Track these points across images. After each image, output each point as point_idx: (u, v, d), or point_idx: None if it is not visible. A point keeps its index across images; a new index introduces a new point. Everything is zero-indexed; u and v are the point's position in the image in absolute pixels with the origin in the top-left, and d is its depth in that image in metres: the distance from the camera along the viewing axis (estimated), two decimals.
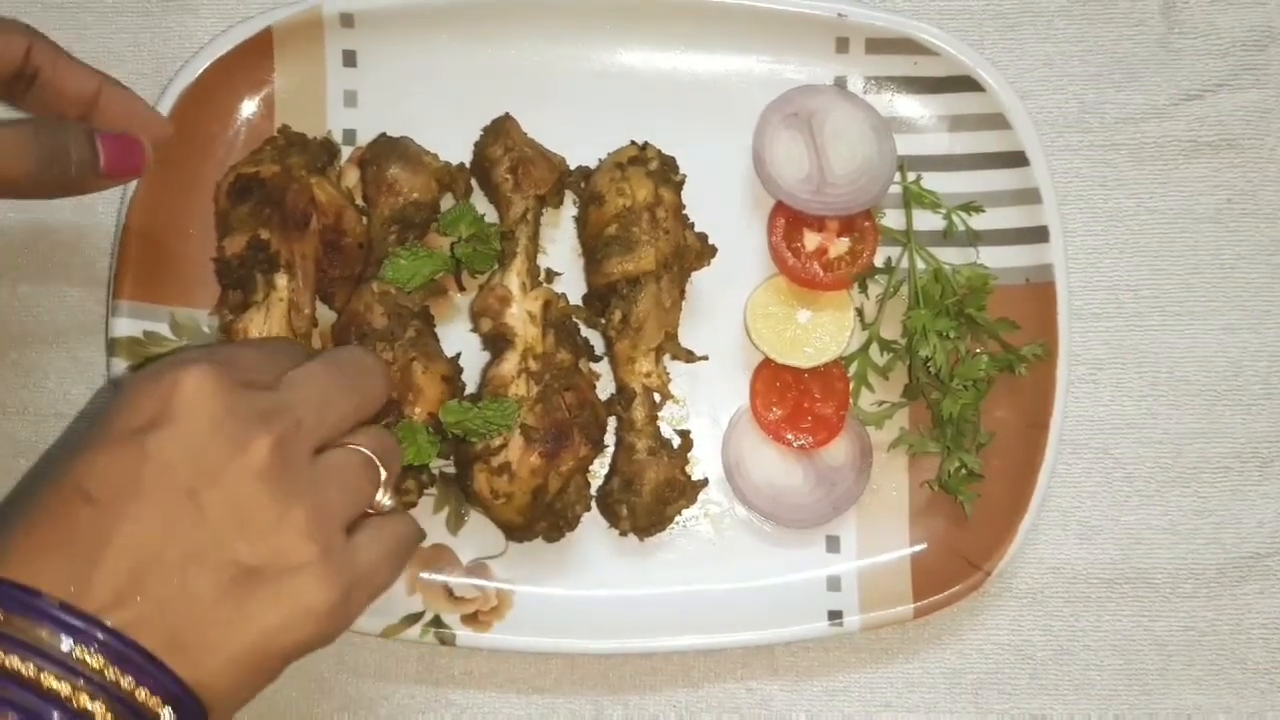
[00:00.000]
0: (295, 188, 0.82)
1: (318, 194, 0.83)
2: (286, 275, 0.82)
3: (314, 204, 0.82)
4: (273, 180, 0.82)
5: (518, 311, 0.83)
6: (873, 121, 0.87)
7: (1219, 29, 0.91)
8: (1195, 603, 0.88)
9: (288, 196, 0.82)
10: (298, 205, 0.82)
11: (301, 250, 0.82)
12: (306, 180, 0.82)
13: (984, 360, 0.84)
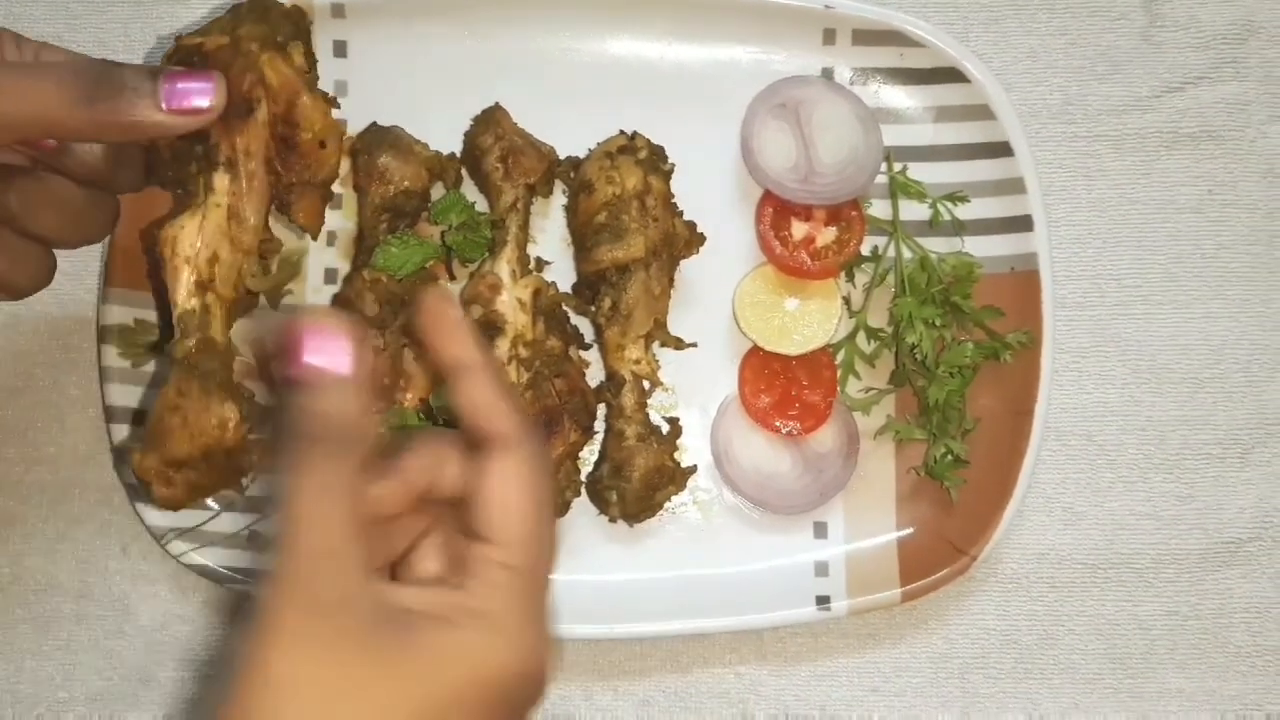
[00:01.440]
0: (239, 64, 0.69)
1: (267, 73, 0.70)
2: (228, 175, 0.70)
3: (262, 86, 0.69)
4: (216, 54, 0.69)
5: (508, 299, 0.83)
6: (859, 112, 0.88)
7: (1200, 22, 0.92)
8: (1178, 587, 0.89)
9: (231, 75, 0.68)
10: (239, 87, 0.69)
11: (245, 145, 0.70)
12: (256, 56, 0.69)
13: (969, 348, 0.85)
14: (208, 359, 0.69)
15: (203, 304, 0.69)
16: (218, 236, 0.70)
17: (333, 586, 0.52)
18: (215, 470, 0.70)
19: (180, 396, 0.69)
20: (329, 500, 0.53)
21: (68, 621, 0.88)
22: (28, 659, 0.88)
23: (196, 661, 0.88)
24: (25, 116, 0.63)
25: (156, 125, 0.65)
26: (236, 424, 0.69)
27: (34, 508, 0.88)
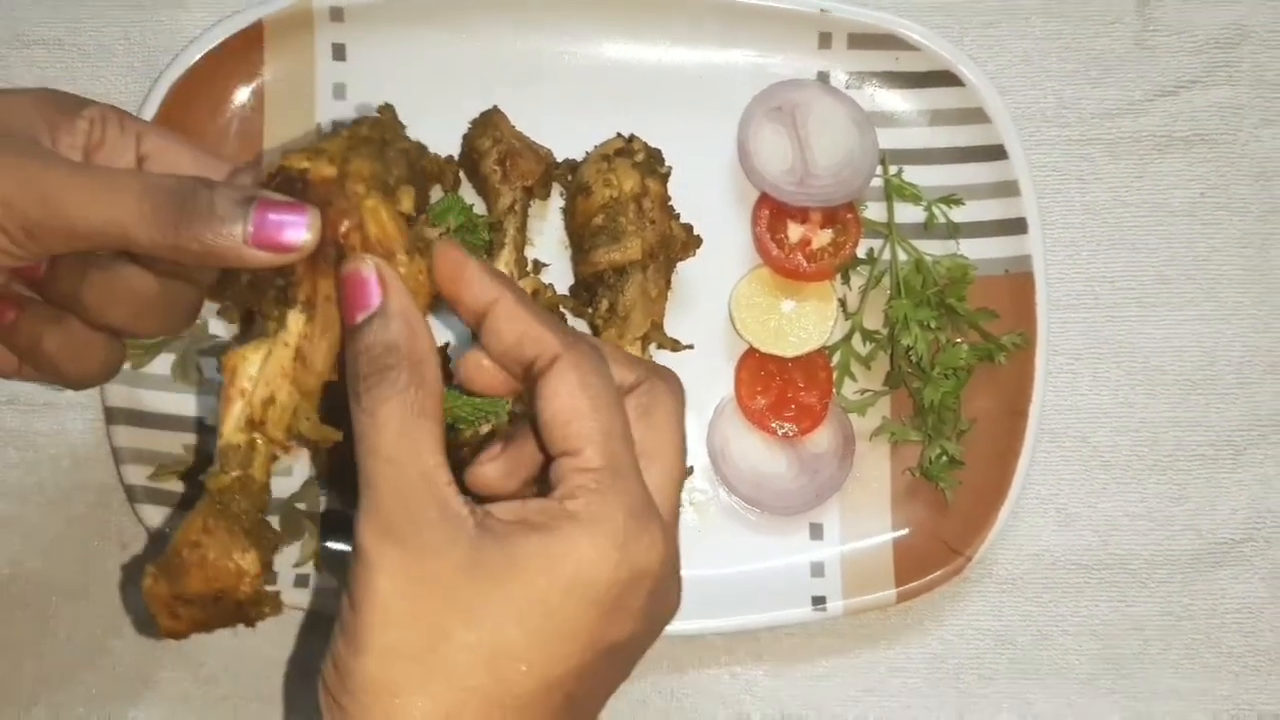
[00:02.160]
0: (340, 204, 0.61)
1: (369, 224, 0.61)
2: (303, 316, 0.62)
3: (359, 234, 0.61)
4: (320, 187, 0.62)
5: None
6: (855, 115, 0.89)
7: (1193, 26, 0.93)
8: (1171, 588, 0.90)
9: (330, 215, 0.61)
10: (335, 228, 0.61)
11: (328, 290, 0.62)
12: (360, 200, 0.61)
13: (964, 349, 0.86)
14: (242, 499, 0.64)
15: (249, 440, 0.64)
16: (279, 378, 0.63)
17: (426, 514, 0.53)
18: (224, 613, 0.66)
19: (205, 534, 0.65)
20: (410, 429, 0.54)
21: (67, 621, 0.88)
22: (27, 659, 0.88)
23: (195, 663, 0.88)
24: (98, 229, 0.58)
25: (239, 259, 0.59)
26: (254, 578, 0.65)
27: (34, 508, 0.89)
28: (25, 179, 0.58)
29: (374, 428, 0.55)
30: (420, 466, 0.54)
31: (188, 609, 0.66)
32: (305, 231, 0.59)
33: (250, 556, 0.65)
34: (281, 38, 0.87)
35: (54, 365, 0.67)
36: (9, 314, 0.66)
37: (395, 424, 0.54)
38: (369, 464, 0.55)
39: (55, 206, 0.58)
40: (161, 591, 0.65)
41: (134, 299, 0.66)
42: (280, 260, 0.60)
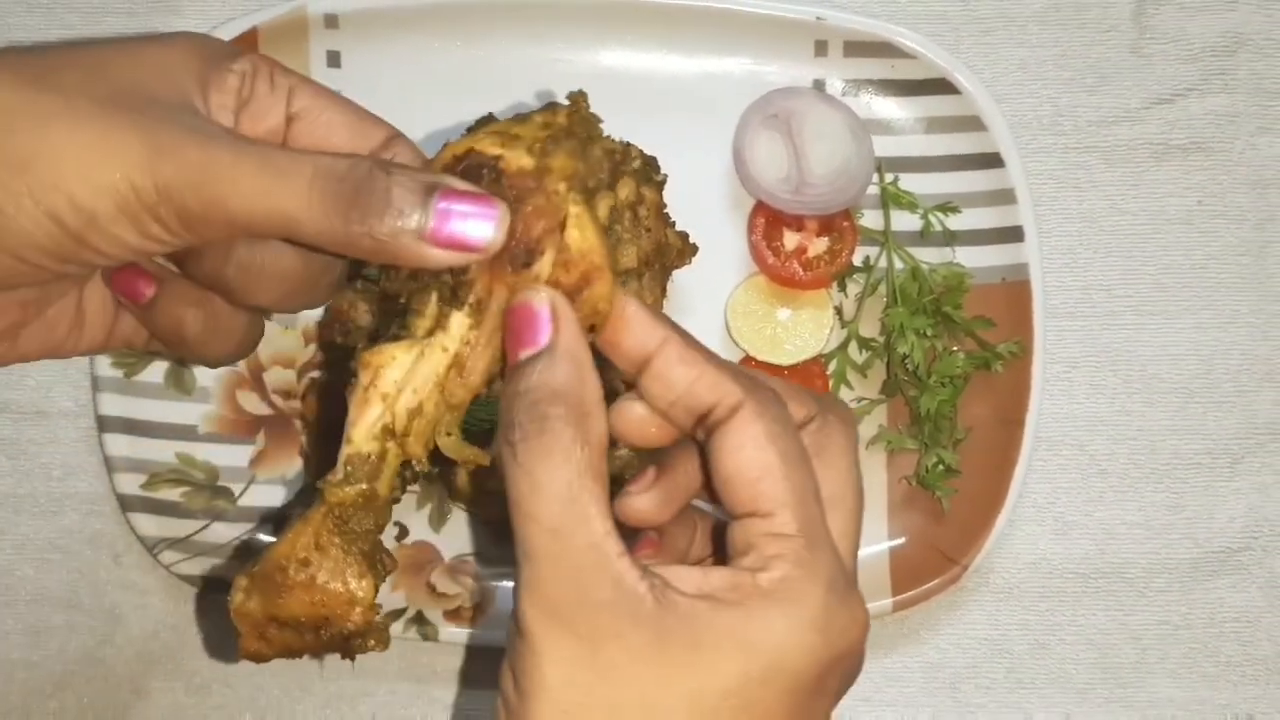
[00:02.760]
0: (538, 202, 0.54)
1: (571, 232, 0.54)
2: (469, 320, 0.54)
3: (555, 240, 0.54)
4: (515, 179, 0.54)
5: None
6: (851, 123, 0.89)
7: (1189, 34, 0.93)
8: (1169, 597, 0.90)
9: (524, 213, 0.53)
10: (530, 233, 0.53)
11: (505, 297, 0.54)
12: (561, 201, 0.54)
13: (960, 358, 0.86)
14: (364, 517, 0.57)
15: (382, 450, 0.56)
16: (430, 387, 0.55)
17: (599, 594, 0.47)
18: (322, 642, 0.59)
19: (317, 551, 0.57)
20: (577, 494, 0.48)
21: (59, 632, 0.88)
22: (19, 670, 0.87)
23: (188, 672, 0.88)
24: (260, 219, 0.52)
25: (414, 257, 0.52)
26: (367, 608, 0.57)
27: (26, 518, 0.88)
28: (185, 164, 0.51)
29: (533, 490, 0.48)
30: (589, 537, 0.47)
31: (281, 632, 0.58)
32: (492, 230, 0.51)
33: (366, 583, 0.57)
34: (276, 45, 0.86)
35: (193, 351, 0.62)
36: (147, 290, 0.59)
37: (559, 487, 0.47)
38: (528, 532, 0.48)
39: (216, 196, 0.51)
40: (254, 610, 0.58)
41: (282, 279, 0.60)
42: (460, 260, 0.52)
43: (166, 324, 0.60)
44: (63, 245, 0.51)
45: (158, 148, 0.51)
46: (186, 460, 0.86)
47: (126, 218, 0.51)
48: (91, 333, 0.61)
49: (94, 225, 0.51)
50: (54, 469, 0.89)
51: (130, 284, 0.59)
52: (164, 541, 0.84)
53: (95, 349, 0.62)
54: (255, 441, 0.87)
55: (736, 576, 0.49)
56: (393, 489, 0.57)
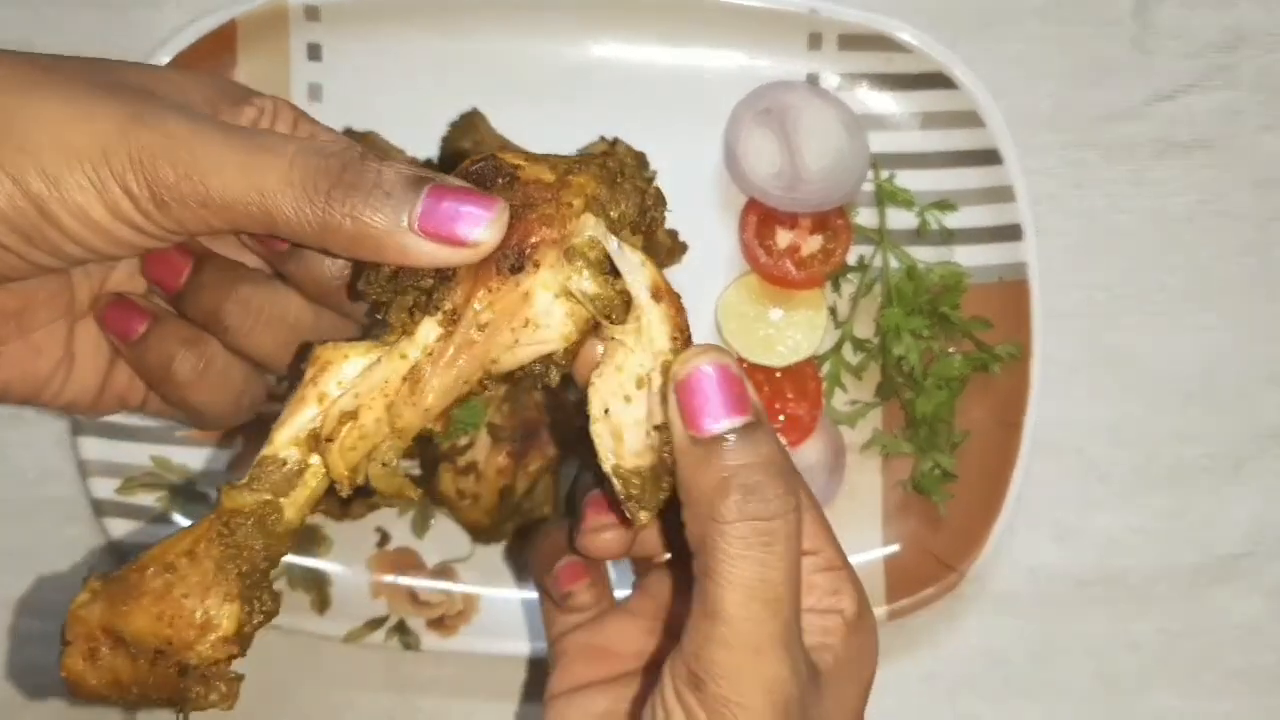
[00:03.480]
0: (544, 210, 0.49)
1: (578, 246, 0.49)
2: (439, 330, 0.50)
3: (556, 255, 0.49)
4: (530, 187, 0.50)
5: None
6: (845, 118, 0.86)
7: (1191, 30, 0.91)
8: (1170, 605, 0.88)
9: (527, 218, 0.49)
10: (527, 238, 0.49)
11: (486, 307, 0.49)
12: (574, 216, 0.50)
13: (958, 359, 0.84)
14: (257, 535, 0.50)
15: (302, 462, 0.50)
16: (375, 395, 0.49)
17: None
18: (157, 678, 0.50)
19: (186, 558, 0.50)
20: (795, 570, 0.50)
21: (35, 642, 0.86)
22: None
23: None
24: (236, 198, 0.48)
25: (399, 248, 0.48)
26: (221, 640, 0.49)
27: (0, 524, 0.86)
28: (163, 133, 0.48)
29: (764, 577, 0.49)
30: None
31: (113, 654, 0.50)
32: (485, 226, 0.48)
33: (229, 610, 0.49)
34: (255, 38, 0.85)
35: (184, 394, 0.57)
36: (138, 325, 0.57)
37: (788, 564, 0.49)
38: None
39: (192, 167, 0.48)
40: (91, 616, 0.50)
41: (282, 324, 0.57)
42: (448, 258, 0.48)
43: (156, 362, 0.57)
44: (26, 216, 0.48)
45: (136, 115, 0.48)
46: (162, 464, 0.84)
47: (94, 187, 0.48)
48: (82, 377, 0.58)
49: (59, 193, 0.48)
50: (28, 472, 0.87)
51: (122, 319, 0.57)
52: (140, 547, 0.82)
53: (87, 400, 0.59)
54: (233, 445, 0.85)
55: None
56: (303, 516, 0.51)
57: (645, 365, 0.50)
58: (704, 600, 0.49)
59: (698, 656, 0.49)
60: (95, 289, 0.58)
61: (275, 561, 0.51)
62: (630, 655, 0.61)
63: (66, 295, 0.57)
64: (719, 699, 0.49)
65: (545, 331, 0.49)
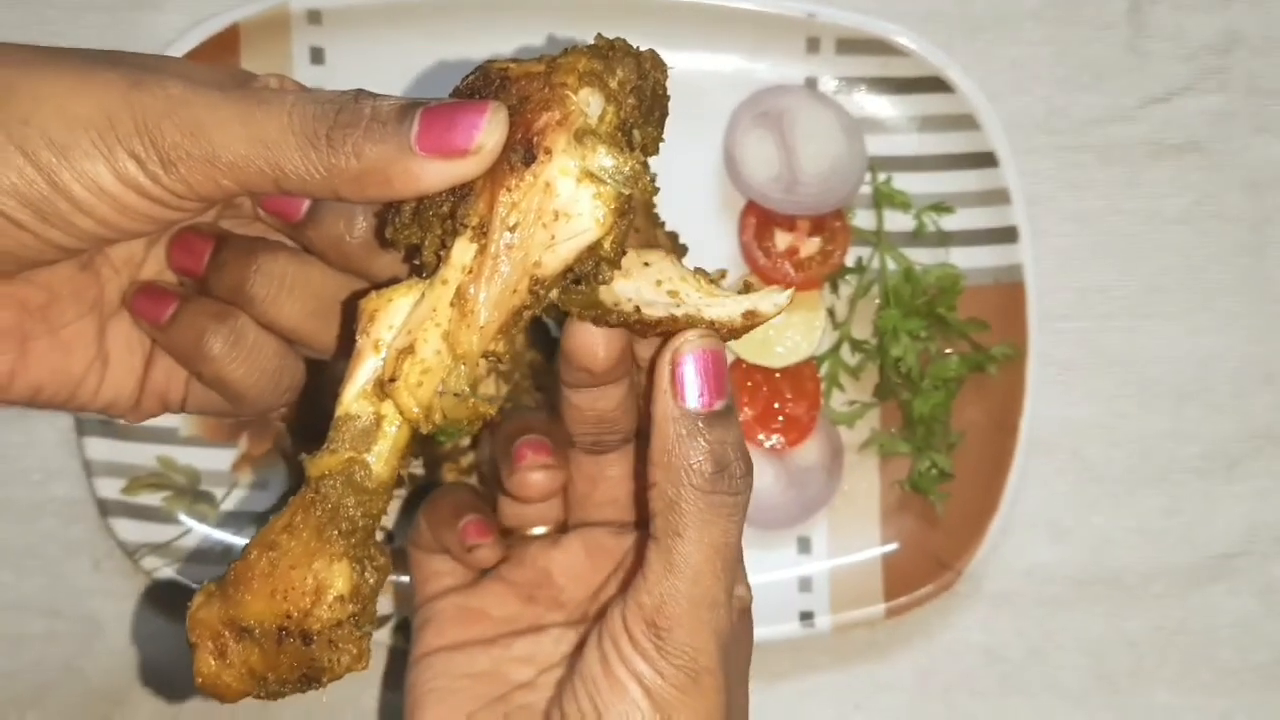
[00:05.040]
0: (540, 96, 0.48)
1: (575, 121, 0.48)
2: (473, 246, 0.48)
3: (562, 137, 0.48)
4: (521, 81, 0.49)
5: None
6: (843, 122, 0.87)
7: (1185, 33, 0.92)
8: (1165, 603, 0.88)
9: (524, 111, 0.48)
10: (530, 128, 0.48)
11: (511, 207, 0.48)
12: (567, 90, 0.48)
13: (955, 360, 0.84)
14: (348, 493, 0.49)
15: (376, 414, 0.50)
16: (428, 325, 0.48)
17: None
18: (286, 657, 0.49)
19: (285, 534, 0.49)
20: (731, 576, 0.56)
21: (38, 640, 0.86)
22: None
23: (168, 681, 0.86)
24: (243, 155, 0.49)
25: (405, 174, 0.48)
26: (336, 600, 0.48)
27: (3, 523, 0.87)
28: (165, 96, 0.49)
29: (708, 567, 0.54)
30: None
31: (242, 646, 0.49)
32: (483, 127, 0.47)
33: (339, 569, 0.48)
34: (258, 41, 0.85)
35: (219, 370, 0.57)
36: (167, 307, 0.57)
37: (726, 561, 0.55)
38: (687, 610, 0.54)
39: (194, 126, 0.48)
40: (211, 617, 0.49)
41: (307, 290, 0.57)
42: (456, 170, 0.48)
43: (188, 339, 0.57)
44: (37, 189, 0.48)
45: (137, 82, 0.49)
46: (168, 464, 0.84)
47: (101, 153, 0.48)
48: (118, 376, 0.58)
49: (67, 161, 0.48)
50: (33, 473, 0.87)
51: (150, 304, 0.57)
52: (145, 547, 0.83)
53: (126, 401, 0.59)
54: (237, 445, 0.86)
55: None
56: (393, 468, 0.50)
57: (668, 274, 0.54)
58: (670, 558, 0.53)
59: (661, 609, 0.54)
60: (124, 285, 0.59)
61: (377, 519, 0.51)
62: (503, 619, 0.64)
63: (94, 290, 0.57)
64: (681, 645, 0.54)
65: (579, 220, 0.48)
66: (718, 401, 0.54)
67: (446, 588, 0.66)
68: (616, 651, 0.55)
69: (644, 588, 0.54)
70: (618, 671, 0.54)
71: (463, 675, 0.62)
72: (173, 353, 0.58)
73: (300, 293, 0.57)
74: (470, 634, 0.64)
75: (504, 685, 0.62)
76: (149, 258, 0.59)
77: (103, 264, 0.58)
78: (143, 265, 0.59)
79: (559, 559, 0.64)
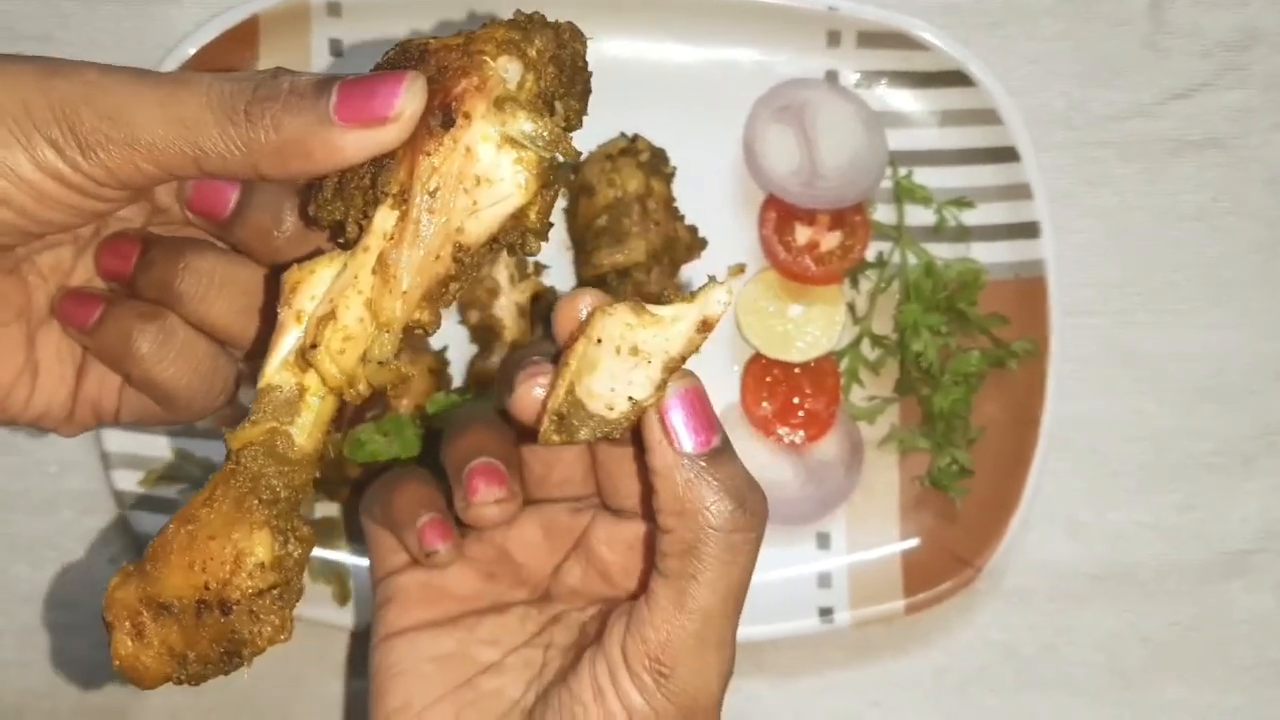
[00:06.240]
0: (460, 63, 0.48)
1: (493, 86, 0.48)
2: (395, 212, 0.48)
3: (481, 102, 0.48)
4: (441, 53, 0.49)
5: (506, 304, 0.82)
6: (863, 115, 0.87)
7: (1204, 29, 0.92)
8: (1181, 599, 0.88)
9: (443, 79, 0.48)
10: (448, 94, 0.48)
11: (431, 170, 0.48)
12: (485, 58, 0.48)
13: (975, 356, 0.84)
14: (269, 462, 0.49)
15: (298, 384, 0.49)
16: (349, 291, 0.48)
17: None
18: (206, 633, 0.48)
19: (205, 507, 0.48)
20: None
21: (55, 632, 0.86)
22: (12, 670, 0.86)
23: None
24: (162, 136, 0.48)
25: (325, 144, 0.48)
26: (256, 568, 0.47)
27: (20, 515, 0.87)
28: (82, 81, 0.49)
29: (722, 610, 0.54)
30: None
31: (160, 624, 0.47)
32: (401, 95, 0.47)
33: (259, 537, 0.47)
34: (277, 33, 0.85)
35: (149, 371, 0.56)
36: (93, 310, 0.56)
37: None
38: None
39: (112, 109, 0.48)
40: (128, 595, 0.48)
41: (235, 287, 0.57)
42: (376, 139, 0.48)
43: (115, 340, 0.56)
44: None
45: (52, 70, 0.49)
46: (184, 456, 0.84)
47: (17, 140, 0.48)
48: (49, 386, 0.57)
49: None
50: (50, 465, 0.87)
51: (76, 308, 0.57)
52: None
53: (58, 412, 0.58)
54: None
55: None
56: (317, 440, 0.50)
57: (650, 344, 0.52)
58: (681, 599, 0.53)
59: (666, 647, 0.53)
60: (52, 293, 0.57)
61: (300, 490, 0.50)
62: (466, 598, 0.64)
63: (20, 297, 0.56)
64: (683, 685, 0.54)
65: (500, 186, 0.48)
66: (714, 438, 0.53)
67: (406, 563, 0.65)
68: (612, 682, 0.55)
69: (649, 622, 0.54)
70: (611, 703, 0.55)
71: (428, 658, 0.62)
72: (101, 356, 0.57)
73: (230, 290, 0.56)
74: (433, 613, 0.63)
75: (471, 668, 0.62)
76: (77, 265, 0.58)
77: (29, 271, 0.57)
78: (71, 273, 0.58)
79: (516, 537, 0.64)
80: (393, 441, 0.78)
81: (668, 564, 0.54)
